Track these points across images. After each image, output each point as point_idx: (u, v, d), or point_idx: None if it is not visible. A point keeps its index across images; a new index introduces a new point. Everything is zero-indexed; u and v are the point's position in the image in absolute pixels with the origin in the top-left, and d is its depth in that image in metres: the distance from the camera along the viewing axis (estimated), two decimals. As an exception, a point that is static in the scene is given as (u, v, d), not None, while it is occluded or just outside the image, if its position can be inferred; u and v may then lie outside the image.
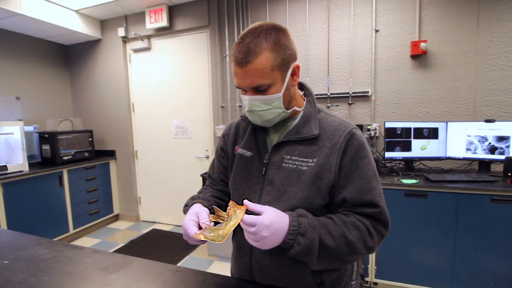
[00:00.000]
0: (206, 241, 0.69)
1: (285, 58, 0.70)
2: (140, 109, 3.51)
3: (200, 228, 0.71)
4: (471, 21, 2.21)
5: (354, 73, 2.56)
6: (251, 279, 0.83)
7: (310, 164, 0.74)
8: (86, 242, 3.07)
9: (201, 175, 2.63)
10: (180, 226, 3.43)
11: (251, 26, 0.72)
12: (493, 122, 2.06)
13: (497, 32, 2.15)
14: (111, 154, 3.62)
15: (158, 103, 3.39)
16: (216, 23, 2.95)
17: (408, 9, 2.36)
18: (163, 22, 3.04)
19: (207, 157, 3.22)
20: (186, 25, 3.06)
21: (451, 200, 1.85)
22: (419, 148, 2.24)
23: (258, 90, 0.71)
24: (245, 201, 0.67)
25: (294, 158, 0.76)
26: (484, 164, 2.14)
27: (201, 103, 3.18)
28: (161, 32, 3.19)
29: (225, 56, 2.94)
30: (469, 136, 2.15)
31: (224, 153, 0.94)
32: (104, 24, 3.46)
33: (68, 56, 3.75)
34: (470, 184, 1.84)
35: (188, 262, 2.59)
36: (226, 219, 0.68)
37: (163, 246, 2.94)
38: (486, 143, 2.09)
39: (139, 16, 3.23)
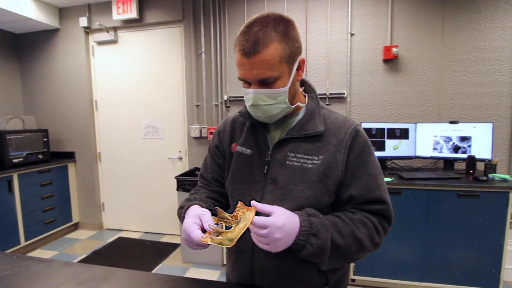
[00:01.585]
0: (209, 245, 0.64)
1: (293, 50, 0.68)
2: (104, 106, 3.26)
3: (203, 231, 0.66)
4: (437, 29, 2.40)
5: (331, 75, 2.64)
6: (251, 283, 0.79)
7: (315, 161, 0.72)
8: (40, 255, 2.76)
9: (175, 178, 2.51)
10: (150, 233, 3.25)
11: (257, 15, 0.69)
12: (457, 123, 2.25)
13: (459, 41, 2.37)
14: (69, 156, 3.31)
15: (125, 100, 3.18)
16: (191, 18, 2.86)
17: (381, 15, 2.50)
18: (132, 13, 2.87)
19: (180, 158, 3.10)
20: (158, 18, 2.92)
21: (423, 197, 1.99)
22: (392, 148, 2.37)
23: (264, 83, 0.68)
24: (253, 202, 0.64)
25: (298, 155, 0.74)
26: (449, 162, 2.33)
27: (174, 101, 3.05)
28: (129, 24, 3.00)
29: (201, 53, 2.86)
30: (435, 136, 2.32)
31: (219, 151, 0.89)
32: (63, 12, 3.17)
33: (18, 46, 3.36)
34: (439, 181, 1.99)
35: (161, 271, 2.45)
36: (230, 220, 0.64)
37: (131, 255, 2.75)
38: (451, 143, 2.28)
39: (105, 6, 3.02)
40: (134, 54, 3.10)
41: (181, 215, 0.78)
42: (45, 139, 3.06)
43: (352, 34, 2.56)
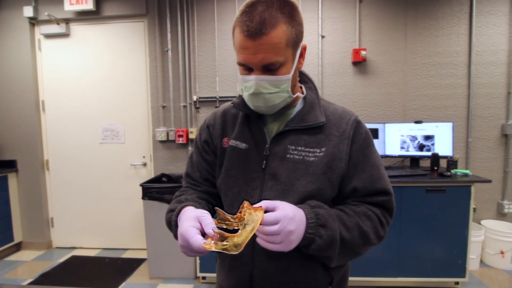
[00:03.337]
0: (210, 251, 0.58)
1: (298, 35, 0.67)
2: (53, 108, 2.95)
3: (203, 235, 0.59)
4: (400, 34, 2.59)
5: (303, 76, 2.69)
6: None
7: (318, 154, 0.71)
8: (-29, 284, 2.36)
9: (140, 185, 2.34)
10: (110, 249, 2.99)
11: None
12: (421, 123, 2.43)
13: (420, 46, 2.58)
14: (10, 165, 2.92)
15: (79, 101, 2.91)
16: (155, 12, 2.73)
17: (349, 19, 2.62)
18: (88, 4, 2.65)
19: (145, 164, 2.91)
20: (117, 11, 2.74)
21: (396, 194, 2.07)
22: (364, 148, 2.47)
23: (268, 69, 0.65)
24: (260, 202, 0.60)
25: (299, 148, 0.72)
26: (415, 160, 2.49)
27: (137, 102, 2.87)
28: (84, 16, 2.77)
29: (167, 50, 2.73)
30: (402, 135, 2.48)
31: (209, 147, 0.83)
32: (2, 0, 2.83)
33: None
34: (409, 178, 2.11)
35: (126, 289, 2.25)
36: (233, 222, 0.59)
37: (89, 275, 2.49)
38: (416, 142, 2.45)
39: (54, -5, 2.75)
40: (89, 49, 2.86)
41: (172, 219, 0.71)
42: (-22, 146, 2.67)
43: (323, 36, 2.65)
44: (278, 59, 0.64)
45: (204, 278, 2.32)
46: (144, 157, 2.91)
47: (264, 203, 0.59)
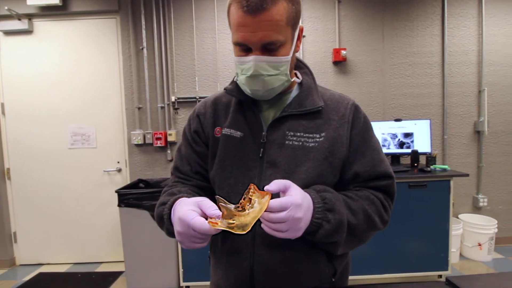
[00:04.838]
0: (212, 236, 0.54)
1: (298, 13, 0.65)
2: (14, 111, 2.74)
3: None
4: (378, 35, 2.68)
5: (285, 76, 2.71)
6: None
7: (317, 139, 0.70)
8: None
9: (116, 191, 2.22)
10: (82, 263, 2.81)
11: None
12: (401, 121, 2.52)
13: (396, 46, 2.68)
14: (-37, 175, 2.66)
15: (44, 104, 2.72)
16: (128, 8, 2.62)
17: (329, 19, 2.68)
18: (54, -1, 2.50)
19: (119, 170, 2.77)
20: (87, 6, 2.61)
21: (380, 191, 2.14)
22: (347, 147, 2.52)
23: (267, 49, 0.63)
24: (267, 187, 0.56)
25: (298, 134, 0.70)
26: (396, 158, 2.58)
27: (110, 104, 2.74)
28: (49, 12, 2.61)
29: (142, 49, 2.63)
30: (383, 134, 2.56)
31: (200, 138, 0.79)
32: (-49, -9, 2.59)
33: None
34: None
35: (102, 306, 2.11)
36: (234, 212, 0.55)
37: (59, 293, 2.31)
38: (396, 139, 2.54)
39: (15, -12, 2.57)
40: (55, 48, 2.69)
41: (164, 213, 0.66)
42: None
43: (303, 36, 2.68)
44: (279, 38, 0.62)
45: (188, 287, 2.24)
46: (118, 162, 2.78)
47: (275, 183, 0.55)
